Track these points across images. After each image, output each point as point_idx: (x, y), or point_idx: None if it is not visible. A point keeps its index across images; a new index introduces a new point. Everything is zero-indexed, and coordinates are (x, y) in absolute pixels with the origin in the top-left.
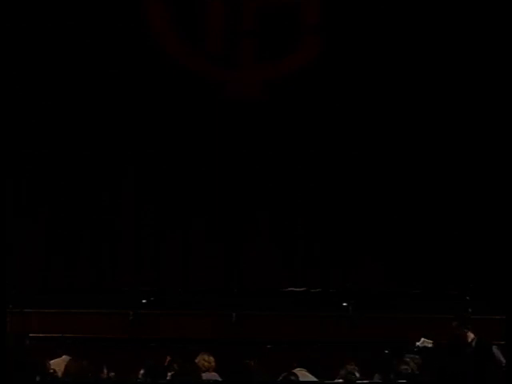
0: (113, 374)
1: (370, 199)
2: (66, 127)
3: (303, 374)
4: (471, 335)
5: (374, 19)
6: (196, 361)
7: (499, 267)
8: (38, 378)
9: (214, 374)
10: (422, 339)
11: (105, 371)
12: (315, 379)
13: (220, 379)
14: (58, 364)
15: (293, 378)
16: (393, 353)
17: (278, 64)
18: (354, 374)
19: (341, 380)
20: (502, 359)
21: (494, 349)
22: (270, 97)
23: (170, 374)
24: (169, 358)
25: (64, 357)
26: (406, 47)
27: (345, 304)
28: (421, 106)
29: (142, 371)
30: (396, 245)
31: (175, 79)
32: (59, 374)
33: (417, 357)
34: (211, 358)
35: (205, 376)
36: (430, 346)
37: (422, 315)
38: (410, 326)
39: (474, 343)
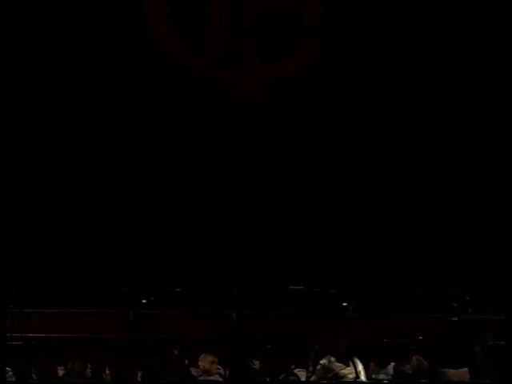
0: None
1: (370, 200)
2: (66, 128)
3: (302, 375)
4: None
5: (373, 20)
6: (199, 363)
7: (499, 267)
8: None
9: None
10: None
11: (107, 371)
12: None
13: (220, 379)
14: None
15: (293, 377)
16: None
17: (277, 64)
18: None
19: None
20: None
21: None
22: (269, 97)
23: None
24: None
25: None
26: (405, 47)
27: (345, 304)
28: (421, 107)
29: (139, 373)
30: (396, 245)
31: (175, 79)
32: None
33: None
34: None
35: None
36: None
37: (421, 315)
38: (410, 326)
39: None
